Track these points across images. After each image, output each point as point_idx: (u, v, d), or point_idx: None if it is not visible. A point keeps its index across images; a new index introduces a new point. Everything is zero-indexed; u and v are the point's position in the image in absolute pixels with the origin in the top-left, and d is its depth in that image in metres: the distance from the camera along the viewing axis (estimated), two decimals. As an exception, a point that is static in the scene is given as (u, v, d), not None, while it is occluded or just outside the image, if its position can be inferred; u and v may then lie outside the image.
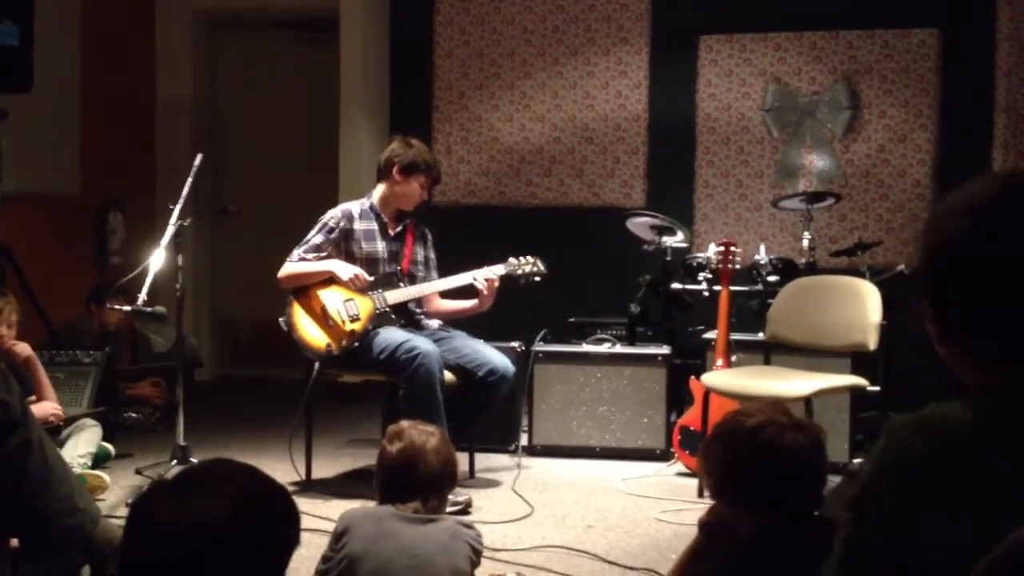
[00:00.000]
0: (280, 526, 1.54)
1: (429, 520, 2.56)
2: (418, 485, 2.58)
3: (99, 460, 4.43)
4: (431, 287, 4.49)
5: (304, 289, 4.38)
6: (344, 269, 4.33)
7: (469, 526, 2.66)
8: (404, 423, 2.72)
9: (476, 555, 2.61)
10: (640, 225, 5.45)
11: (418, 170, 4.42)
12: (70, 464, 3.66)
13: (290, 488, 4.17)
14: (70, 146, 6.44)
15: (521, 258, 4.54)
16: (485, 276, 4.41)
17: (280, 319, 4.38)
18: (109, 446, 4.60)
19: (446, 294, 4.59)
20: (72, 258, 6.51)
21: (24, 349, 4.27)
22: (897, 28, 6.09)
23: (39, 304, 5.03)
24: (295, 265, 4.40)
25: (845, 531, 1.36)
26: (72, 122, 6.45)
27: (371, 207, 4.49)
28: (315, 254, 4.41)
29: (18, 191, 5.57)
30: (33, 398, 4.26)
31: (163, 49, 7.29)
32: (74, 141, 6.47)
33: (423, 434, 2.65)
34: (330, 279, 4.36)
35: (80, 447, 4.29)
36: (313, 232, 4.46)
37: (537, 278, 4.53)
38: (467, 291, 4.51)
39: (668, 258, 5.38)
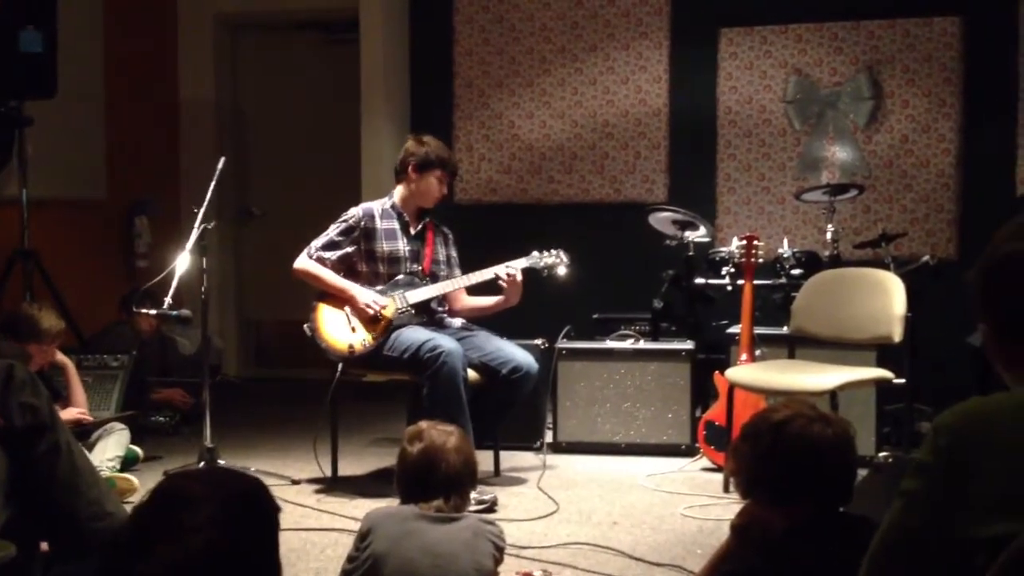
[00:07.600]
0: (261, 525, 1.50)
1: (452, 519, 2.58)
2: (440, 484, 2.60)
3: (128, 463, 4.47)
4: (453, 284, 4.50)
5: (327, 292, 4.41)
6: (363, 295, 4.34)
7: (491, 523, 2.67)
8: (423, 423, 2.73)
9: (499, 552, 2.62)
10: (662, 220, 5.44)
11: (433, 165, 4.43)
12: (99, 467, 3.70)
13: (316, 487, 4.26)
14: (95, 151, 6.50)
15: (544, 251, 4.54)
16: (505, 272, 4.41)
17: (305, 325, 4.40)
18: (138, 449, 4.64)
19: (470, 291, 4.60)
20: (99, 262, 6.56)
21: (62, 358, 4.49)
22: (918, 17, 6.05)
23: (67, 309, 5.08)
24: (315, 266, 4.41)
25: (892, 515, 1.37)
26: (96, 127, 6.50)
27: (392, 206, 4.51)
28: (331, 252, 4.43)
29: (44, 196, 5.63)
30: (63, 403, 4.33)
31: (185, 52, 7.35)
32: (99, 146, 6.53)
33: (443, 433, 2.66)
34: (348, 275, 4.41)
35: (109, 450, 4.33)
36: (332, 228, 4.47)
37: (561, 270, 4.52)
38: (490, 288, 4.52)
39: (691, 253, 5.36)
